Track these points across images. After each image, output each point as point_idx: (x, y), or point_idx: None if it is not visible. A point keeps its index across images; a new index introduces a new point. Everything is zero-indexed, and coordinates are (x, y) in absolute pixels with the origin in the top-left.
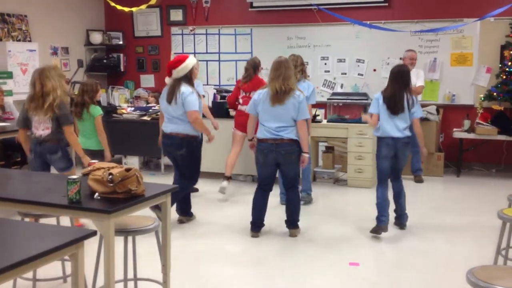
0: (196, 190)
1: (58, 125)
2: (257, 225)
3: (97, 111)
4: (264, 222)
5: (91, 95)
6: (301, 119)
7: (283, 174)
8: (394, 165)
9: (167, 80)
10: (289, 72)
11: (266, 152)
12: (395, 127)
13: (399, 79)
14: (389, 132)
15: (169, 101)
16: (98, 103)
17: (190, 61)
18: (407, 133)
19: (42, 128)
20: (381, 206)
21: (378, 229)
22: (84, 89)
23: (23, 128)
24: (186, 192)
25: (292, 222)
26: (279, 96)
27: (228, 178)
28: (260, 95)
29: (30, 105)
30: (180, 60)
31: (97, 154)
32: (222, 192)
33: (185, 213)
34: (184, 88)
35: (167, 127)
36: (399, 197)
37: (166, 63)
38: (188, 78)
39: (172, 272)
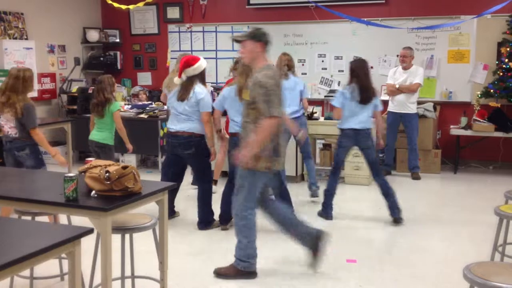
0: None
1: (24, 126)
2: (224, 219)
3: (114, 106)
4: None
5: (109, 89)
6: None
7: None
8: (366, 158)
9: (177, 80)
10: (246, 69)
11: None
12: (358, 120)
13: (366, 70)
14: (350, 124)
15: (182, 99)
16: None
17: (203, 63)
18: (368, 125)
19: (8, 126)
20: (326, 195)
21: (323, 215)
22: (102, 86)
23: None
24: (211, 192)
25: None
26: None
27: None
28: (228, 91)
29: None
30: (195, 59)
31: (104, 148)
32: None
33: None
34: (199, 88)
35: (174, 125)
36: (387, 196)
37: (164, 61)
38: (202, 77)
39: (169, 270)
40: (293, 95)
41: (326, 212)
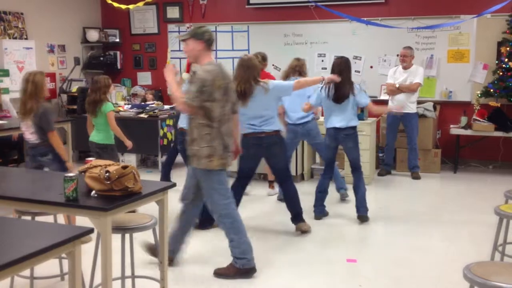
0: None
1: (43, 131)
2: None
3: (107, 107)
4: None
5: (104, 90)
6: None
7: (271, 167)
8: (348, 156)
9: (185, 75)
10: (248, 72)
11: (249, 146)
12: (339, 118)
13: (342, 68)
14: (331, 123)
15: None
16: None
17: None
18: (351, 123)
19: (29, 132)
20: (317, 196)
21: (316, 218)
22: (97, 86)
23: None
24: None
25: (296, 215)
26: (241, 97)
27: None
28: None
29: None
30: None
31: (104, 149)
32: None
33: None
34: None
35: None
36: (357, 190)
37: (164, 60)
38: None
39: (169, 270)
40: (301, 100)
41: (314, 211)
